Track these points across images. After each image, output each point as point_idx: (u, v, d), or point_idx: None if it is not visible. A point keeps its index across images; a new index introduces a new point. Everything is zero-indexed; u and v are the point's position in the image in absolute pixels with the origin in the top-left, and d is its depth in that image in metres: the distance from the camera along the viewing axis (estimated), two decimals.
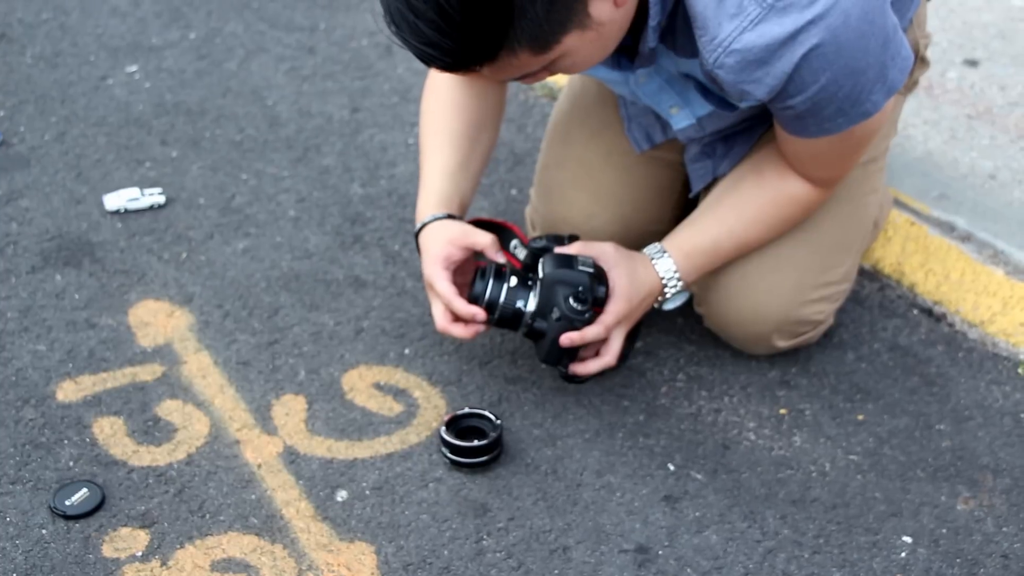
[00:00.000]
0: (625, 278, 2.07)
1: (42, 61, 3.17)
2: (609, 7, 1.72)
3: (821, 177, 2.05)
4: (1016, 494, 2.04)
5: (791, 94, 1.79)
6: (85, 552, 1.93)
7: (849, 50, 1.75)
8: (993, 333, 2.32)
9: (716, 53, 1.75)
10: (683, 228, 2.14)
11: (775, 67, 1.74)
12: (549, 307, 2.03)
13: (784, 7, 1.70)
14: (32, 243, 2.58)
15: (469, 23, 1.62)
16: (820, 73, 1.75)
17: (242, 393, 2.24)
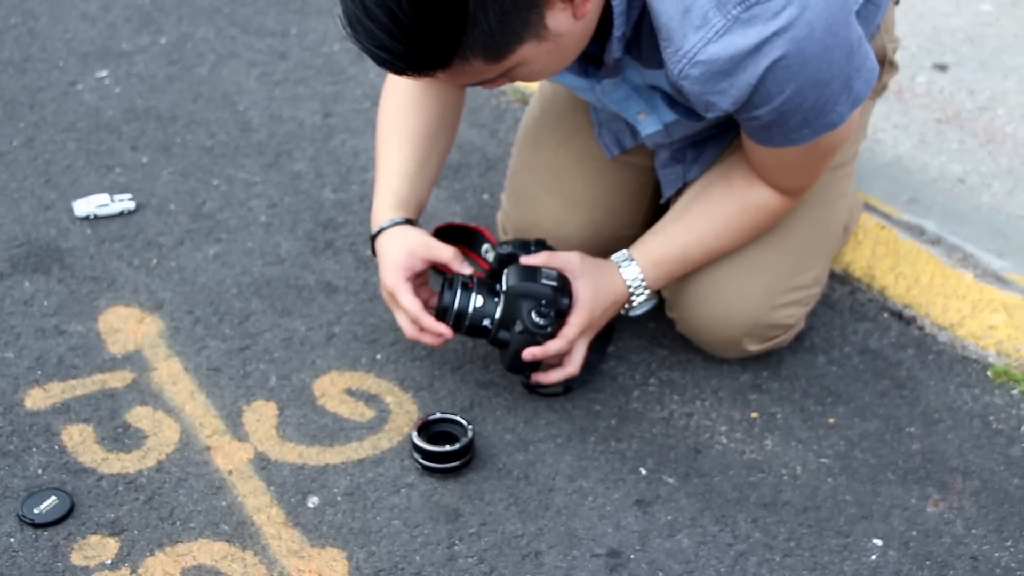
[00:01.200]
0: (589, 290, 2.08)
1: (11, 66, 3.16)
2: (567, 19, 1.72)
3: (788, 186, 2.06)
4: (985, 496, 2.04)
5: (756, 105, 1.79)
6: (54, 560, 1.93)
7: (814, 62, 1.76)
8: (962, 336, 2.33)
9: (681, 64, 1.75)
10: (651, 235, 2.15)
11: (739, 79, 1.75)
12: (512, 320, 2.05)
13: (748, 19, 1.70)
14: (0, 249, 2.57)
15: (421, 30, 1.62)
16: (785, 85, 1.76)
17: (212, 399, 2.23)
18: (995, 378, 2.25)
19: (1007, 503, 2.03)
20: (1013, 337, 2.30)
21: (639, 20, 1.82)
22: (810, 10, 1.70)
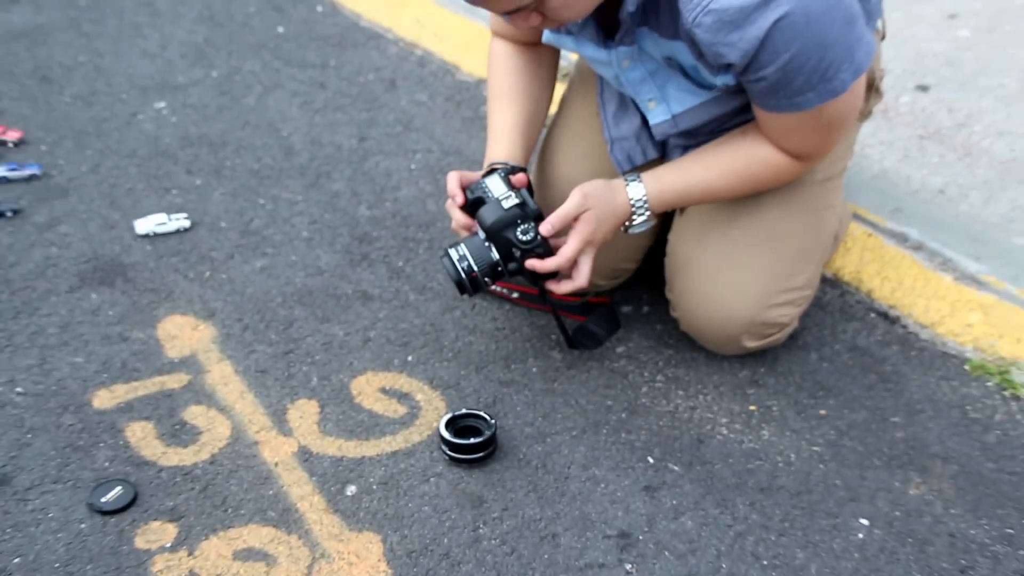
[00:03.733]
0: (593, 216, 2.05)
1: (79, 100, 3.17)
2: None
3: (795, 150, 2.03)
4: (962, 479, 2.04)
5: (764, 63, 1.78)
6: (119, 544, 1.94)
7: (817, 22, 1.75)
8: (942, 334, 2.33)
9: (695, 12, 1.75)
10: (664, 167, 2.12)
11: (748, 31, 1.74)
12: (508, 249, 2.06)
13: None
14: (70, 265, 2.58)
15: None
16: (790, 42, 1.75)
17: (260, 398, 2.25)
18: (972, 372, 2.25)
19: (982, 485, 2.03)
20: (989, 334, 2.30)
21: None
22: None
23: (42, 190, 2.83)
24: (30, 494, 2.04)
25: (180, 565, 1.92)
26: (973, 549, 1.93)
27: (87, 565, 1.91)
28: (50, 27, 3.52)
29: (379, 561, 1.92)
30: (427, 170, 2.88)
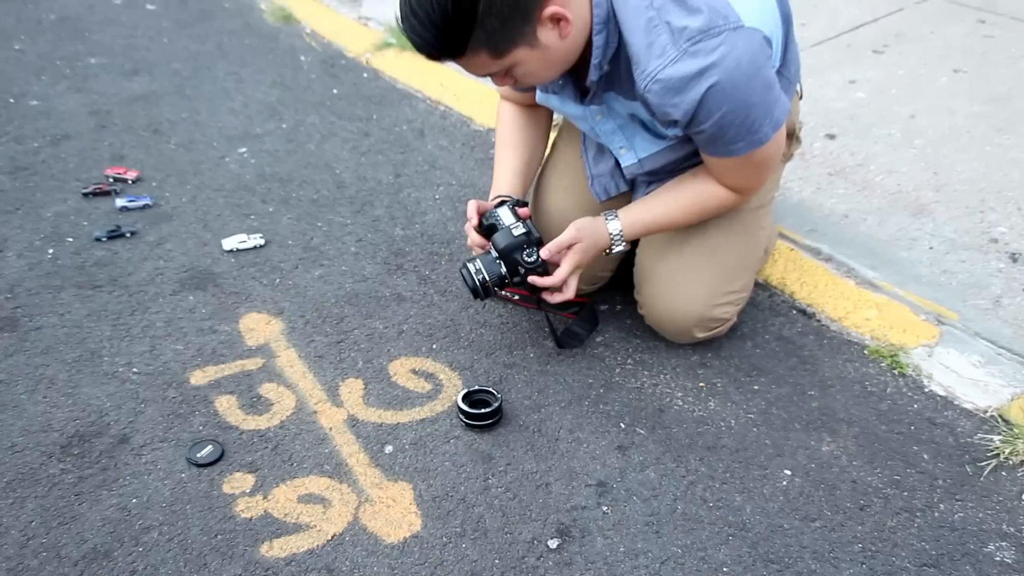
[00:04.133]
0: (580, 248, 2.07)
1: (181, 147, 3.17)
2: (554, 36, 1.76)
3: (735, 186, 2.03)
4: (862, 438, 2.04)
5: (701, 120, 1.79)
6: (211, 490, 1.95)
7: (741, 89, 1.76)
8: (847, 326, 2.32)
9: (646, 81, 1.76)
10: (634, 205, 2.12)
11: (687, 96, 1.75)
12: (513, 266, 2.08)
13: (694, 52, 1.71)
14: (173, 274, 2.58)
15: (445, 28, 1.70)
16: (721, 104, 1.76)
17: (318, 378, 2.23)
18: (870, 355, 2.24)
19: (877, 443, 2.03)
20: (882, 326, 2.29)
21: (618, 57, 1.84)
22: (737, 50, 1.72)
23: (153, 216, 2.82)
24: (144, 450, 2.06)
25: (256, 506, 1.93)
26: (869, 491, 1.94)
27: (186, 505, 1.93)
28: (161, 92, 3.52)
29: (411, 504, 1.93)
30: (448, 200, 2.87)
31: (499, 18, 1.70)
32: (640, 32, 1.76)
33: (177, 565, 1.80)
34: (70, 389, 2.21)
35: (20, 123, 3.31)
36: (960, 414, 2.09)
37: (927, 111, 3.07)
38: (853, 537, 1.83)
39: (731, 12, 1.73)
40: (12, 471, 2.01)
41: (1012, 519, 1.86)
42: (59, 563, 1.82)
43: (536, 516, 1.89)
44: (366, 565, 1.80)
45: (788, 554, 1.81)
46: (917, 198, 2.67)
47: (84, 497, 1.95)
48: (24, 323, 2.41)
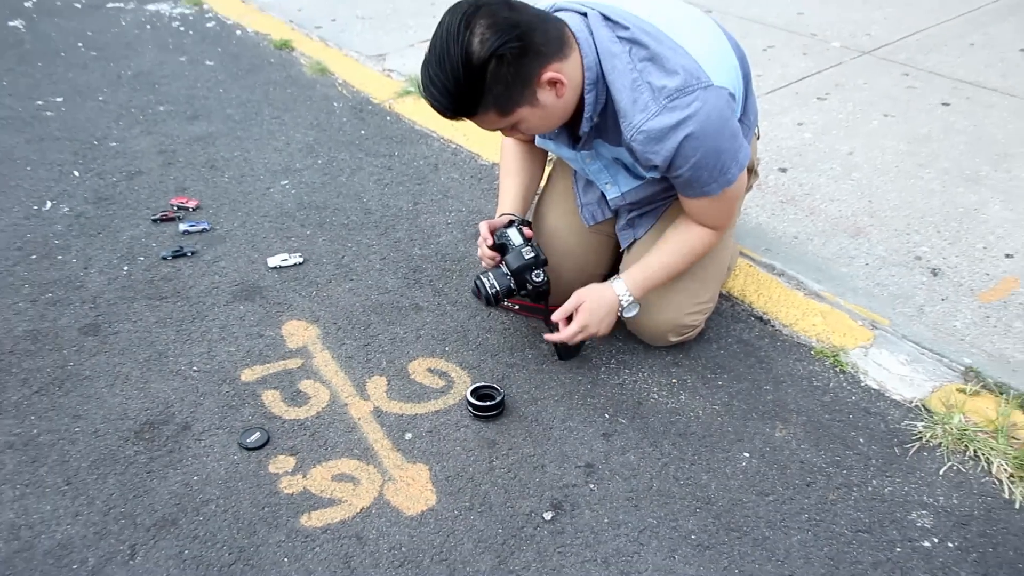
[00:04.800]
0: (587, 309, 2.05)
1: (233, 180, 3.17)
2: (552, 96, 1.77)
3: (712, 224, 2.02)
4: (809, 426, 2.04)
5: (678, 166, 1.79)
6: (259, 470, 1.96)
7: (712, 137, 1.77)
8: (797, 331, 2.31)
9: (631, 132, 1.77)
10: (635, 266, 2.08)
11: (666, 144, 1.75)
12: (523, 283, 2.08)
13: (672, 107, 1.72)
14: (227, 288, 2.57)
15: (458, 94, 1.71)
16: (695, 151, 1.76)
17: (349, 375, 2.23)
18: (815, 355, 2.23)
19: (821, 429, 2.02)
20: (826, 331, 2.28)
21: (605, 111, 1.84)
22: (708, 105, 1.73)
23: (209, 239, 2.82)
24: (202, 436, 2.06)
25: (297, 484, 1.93)
26: (815, 470, 1.93)
27: (238, 483, 1.94)
28: (217, 134, 3.52)
29: (427, 482, 1.93)
30: (459, 224, 2.86)
31: (504, 85, 1.70)
32: (626, 91, 1.76)
33: (231, 532, 1.81)
34: (142, 384, 2.22)
35: (102, 161, 3.32)
36: (890, 404, 2.08)
37: (862, 149, 3.06)
38: (800, 508, 1.83)
39: (702, 73, 1.74)
40: (95, 452, 2.02)
41: (931, 491, 1.87)
42: (135, 529, 1.83)
43: (533, 492, 1.89)
44: (390, 534, 1.80)
45: (746, 523, 1.81)
46: (855, 222, 2.67)
47: (154, 474, 1.96)
48: (104, 328, 2.42)
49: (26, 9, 4.94)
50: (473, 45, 1.66)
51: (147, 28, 4.63)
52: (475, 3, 1.69)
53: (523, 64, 1.70)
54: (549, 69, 1.73)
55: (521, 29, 1.68)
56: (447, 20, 1.69)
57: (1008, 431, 1.94)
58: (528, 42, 1.69)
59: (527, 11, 1.72)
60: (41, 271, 2.66)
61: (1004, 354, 2.15)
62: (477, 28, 1.66)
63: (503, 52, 1.66)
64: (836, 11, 4.20)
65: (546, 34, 1.72)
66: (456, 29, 1.67)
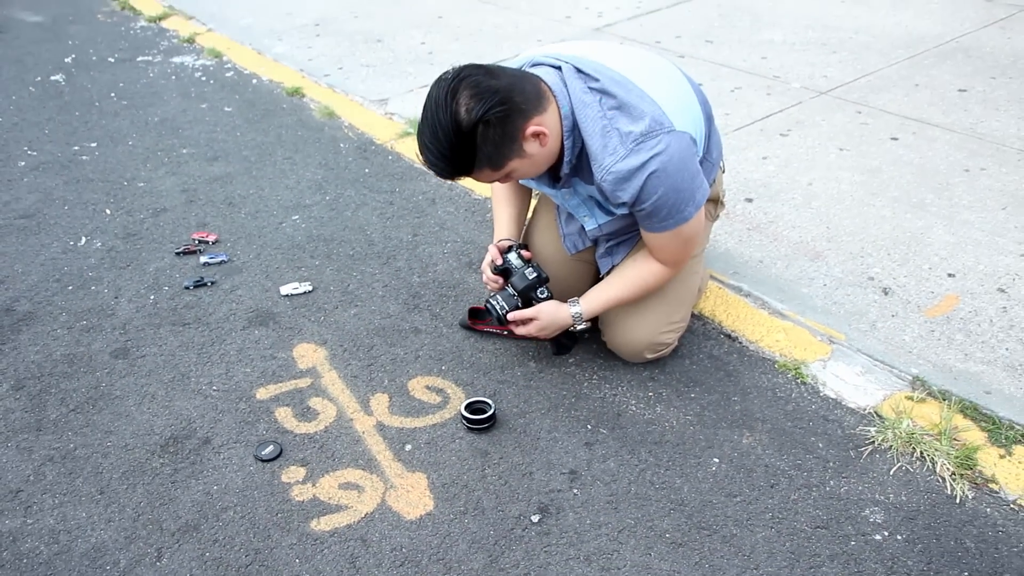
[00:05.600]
0: (545, 318, 2.12)
1: (248, 216, 3.18)
2: (537, 146, 1.81)
3: (667, 260, 2.04)
4: (773, 433, 2.05)
5: (642, 201, 1.82)
6: (272, 479, 1.97)
7: (673, 176, 1.79)
8: (762, 346, 2.33)
9: (601, 173, 1.80)
10: (592, 290, 2.14)
11: (632, 183, 1.78)
12: (528, 300, 2.13)
13: (638, 150, 1.76)
14: (243, 314, 2.58)
15: (453, 158, 1.74)
16: (657, 188, 1.79)
17: (354, 393, 2.24)
18: (779, 369, 2.25)
19: (784, 435, 2.04)
20: (788, 346, 2.30)
21: (580, 153, 1.87)
22: (671, 147, 1.76)
23: (228, 270, 2.83)
24: (221, 449, 2.07)
25: (307, 492, 1.94)
26: (778, 473, 1.95)
27: (254, 491, 1.95)
28: (234, 173, 3.54)
29: (425, 489, 1.94)
30: (455, 254, 2.87)
31: (493, 145, 1.74)
32: (597, 136, 1.80)
33: (248, 536, 1.83)
34: (167, 402, 2.23)
35: (131, 200, 3.34)
36: (846, 412, 2.10)
37: (820, 180, 3.09)
38: (765, 508, 1.85)
39: (666, 119, 1.78)
40: (125, 464, 2.04)
41: (882, 489, 1.89)
42: (161, 533, 1.85)
43: (522, 497, 1.90)
44: (391, 537, 1.82)
45: (716, 522, 1.82)
46: (814, 247, 2.69)
47: (178, 484, 1.97)
48: (133, 352, 2.43)
49: (66, 64, 4.98)
50: (460, 114, 1.69)
51: (172, 78, 4.67)
52: (457, 75, 1.72)
53: (508, 124, 1.73)
54: (531, 124, 1.76)
55: (502, 94, 1.71)
56: (434, 92, 1.73)
57: (950, 433, 1.97)
58: (510, 104, 1.72)
59: (505, 74, 1.76)
60: (76, 300, 2.69)
61: (947, 364, 2.17)
62: (462, 98, 1.69)
63: (488, 118, 1.70)
64: (796, 55, 4.24)
65: (524, 92, 1.75)
66: (444, 101, 1.70)
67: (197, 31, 5.40)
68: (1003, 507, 1.83)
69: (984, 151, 3.20)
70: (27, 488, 1.99)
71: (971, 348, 2.22)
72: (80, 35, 5.54)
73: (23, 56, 5.15)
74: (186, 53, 5.07)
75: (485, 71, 1.74)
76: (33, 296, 2.72)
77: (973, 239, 2.66)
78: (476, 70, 1.73)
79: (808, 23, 4.70)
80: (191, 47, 5.18)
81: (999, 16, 4.63)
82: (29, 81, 4.71)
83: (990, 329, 2.28)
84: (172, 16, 5.77)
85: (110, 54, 5.12)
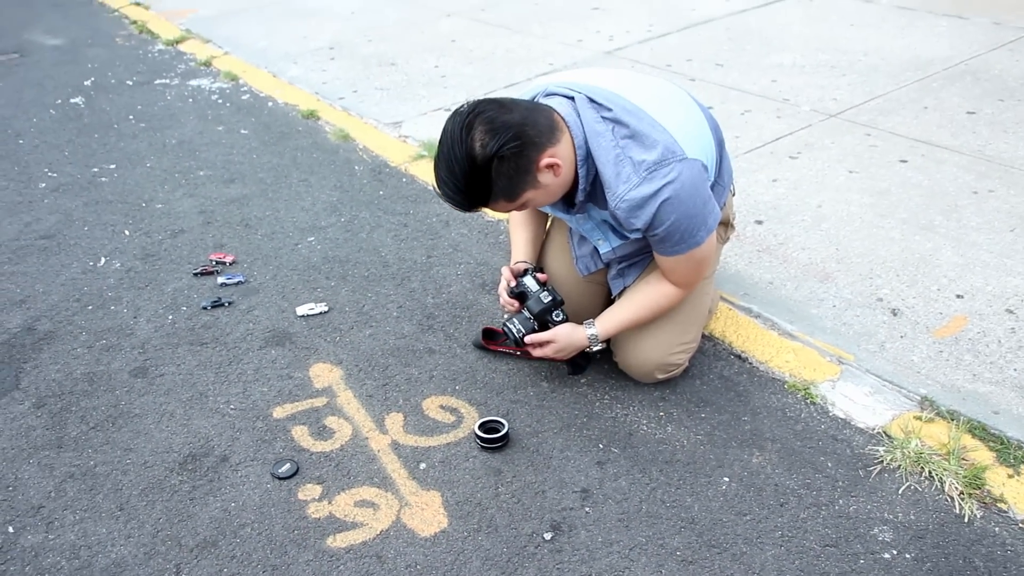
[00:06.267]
0: (562, 340, 2.14)
1: (266, 237, 3.22)
2: (551, 177, 1.84)
3: (681, 282, 2.07)
4: (783, 452, 2.06)
5: (656, 226, 1.85)
6: (289, 497, 1.99)
7: (686, 202, 1.82)
8: (772, 367, 2.34)
9: (615, 201, 1.83)
10: (607, 312, 2.16)
11: (646, 210, 1.81)
12: (544, 324, 2.15)
13: (651, 178, 1.79)
14: (260, 334, 2.62)
15: (468, 191, 1.78)
16: (671, 215, 1.82)
17: (369, 412, 2.26)
18: (788, 389, 2.26)
19: (793, 455, 2.05)
20: (798, 367, 2.31)
21: (594, 181, 1.90)
22: (683, 175, 1.79)
23: (244, 290, 2.87)
24: (239, 467, 2.10)
25: (323, 509, 1.96)
26: (787, 492, 1.96)
27: (271, 508, 1.97)
28: (250, 195, 3.59)
29: (440, 507, 1.96)
30: (468, 275, 2.90)
31: (507, 178, 1.78)
32: (610, 165, 1.83)
33: (265, 553, 1.85)
34: (185, 421, 2.26)
35: (149, 221, 3.39)
36: (855, 432, 2.11)
37: (830, 202, 3.11)
38: (775, 526, 1.86)
39: (677, 147, 1.81)
40: (144, 481, 2.07)
41: (891, 508, 1.90)
42: (179, 549, 1.88)
43: (535, 515, 1.92)
44: (406, 554, 1.84)
45: (726, 540, 1.84)
46: (823, 268, 2.71)
47: (197, 501, 2.00)
48: (152, 371, 2.47)
49: (85, 87, 5.07)
50: (475, 150, 1.73)
51: (189, 101, 4.75)
52: (472, 109, 1.76)
53: (522, 157, 1.77)
54: (545, 156, 1.80)
55: (516, 128, 1.75)
56: (449, 127, 1.77)
57: (959, 453, 1.98)
58: (524, 138, 1.76)
59: (519, 107, 1.80)
60: (96, 320, 2.74)
61: (955, 384, 2.19)
62: (477, 133, 1.73)
63: (503, 152, 1.74)
64: (806, 78, 4.28)
65: (537, 125, 1.79)
66: (459, 136, 1.74)
67: (214, 54, 5.49)
68: (1012, 526, 1.84)
69: (992, 173, 3.22)
70: (48, 504, 2.02)
71: (979, 368, 2.24)
72: (99, 58, 5.64)
73: (43, 79, 5.24)
74: (203, 76, 5.15)
75: (499, 105, 1.78)
76: (54, 316, 2.77)
77: (981, 260, 2.68)
78: (490, 105, 1.77)
79: (817, 46, 4.74)
80: (208, 70, 5.26)
81: (1007, 39, 4.66)
82: (49, 104, 4.80)
83: (998, 350, 2.30)
84: (189, 40, 5.86)
85: (128, 77, 5.22)
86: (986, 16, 5.05)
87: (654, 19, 5.46)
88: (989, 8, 5.21)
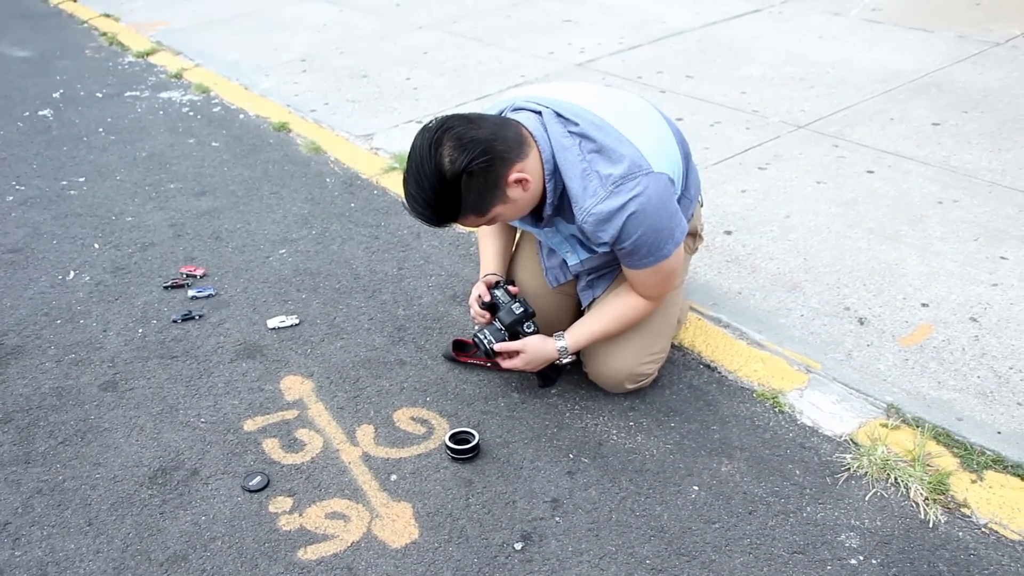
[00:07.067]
0: (531, 352, 2.15)
1: (236, 250, 3.21)
2: (520, 191, 1.85)
3: (648, 294, 2.09)
4: (752, 460, 2.08)
5: (623, 240, 1.87)
6: (260, 509, 1.99)
7: (652, 216, 1.84)
8: (741, 376, 2.37)
9: (582, 215, 1.85)
10: (576, 324, 2.18)
11: (613, 224, 1.83)
12: (515, 335, 2.17)
13: (617, 192, 1.81)
14: (230, 347, 2.61)
15: (438, 207, 1.79)
16: (637, 228, 1.84)
17: (340, 424, 2.27)
18: (757, 398, 2.28)
19: (762, 463, 2.07)
20: (766, 376, 2.34)
21: (561, 195, 1.92)
22: (650, 188, 1.81)
23: (215, 303, 2.87)
24: (210, 480, 2.09)
25: (294, 521, 1.96)
26: (756, 500, 1.98)
27: (242, 521, 1.96)
28: (221, 208, 3.58)
29: (411, 518, 1.96)
30: (439, 287, 2.91)
31: (477, 193, 1.79)
32: (577, 179, 1.85)
33: (236, 566, 1.85)
34: (155, 435, 2.26)
35: (119, 234, 3.38)
36: (823, 439, 2.14)
37: (798, 213, 3.15)
38: (743, 534, 1.88)
39: (644, 161, 1.83)
40: (114, 495, 2.06)
41: (858, 515, 1.93)
42: (149, 564, 1.87)
43: (505, 525, 1.93)
44: (377, 565, 1.84)
45: (695, 548, 1.85)
46: (791, 278, 2.74)
47: (167, 515, 1.99)
48: (121, 385, 2.46)
49: (54, 99, 5.04)
50: (444, 165, 1.75)
51: (160, 113, 4.73)
52: (441, 124, 1.77)
53: (491, 172, 1.79)
54: (514, 171, 1.82)
55: (484, 143, 1.76)
56: (418, 143, 1.78)
57: (924, 460, 2.02)
58: (493, 153, 1.77)
59: (487, 122, 1.82)
60: (65, 334, 2.72)
61: (920, 392, 2.23)
62: (445, 149, 1.74)
63: (472, 168, 1.75)
64: (774, 90, 4.34)
65: (506, 140, 1.81)
66: (428, 152, 1.75)
67: (185, 67, 5.47)
68: (975, 531, 1.88)
69: (957, 183, 3.29)
70: (15, 520, 2.01)
71: (944, 376, 2.28)
72: (68, 70, 5.61)
73: (11, 91, 5.21)
74: (174, 88, 5.14)
75: (467, 121, 1.79)
76: (22, 330, 2.75)
77: (946, 269, 2.73)
78: (459, 120, 1.79)
79: (786, 58, 4.82)
80: (179, 83, 5.25)
81: (971, 52, 4.76)
82: (17, 116, 4.77)
83: (962, 357, 2.35)
84: (160, 52, 5.84)
85: (98, 89, 5.19)
86: (951, 30, 5.15)
87: (625, 32, 5.52)
88: (954, 22, 5.31)
